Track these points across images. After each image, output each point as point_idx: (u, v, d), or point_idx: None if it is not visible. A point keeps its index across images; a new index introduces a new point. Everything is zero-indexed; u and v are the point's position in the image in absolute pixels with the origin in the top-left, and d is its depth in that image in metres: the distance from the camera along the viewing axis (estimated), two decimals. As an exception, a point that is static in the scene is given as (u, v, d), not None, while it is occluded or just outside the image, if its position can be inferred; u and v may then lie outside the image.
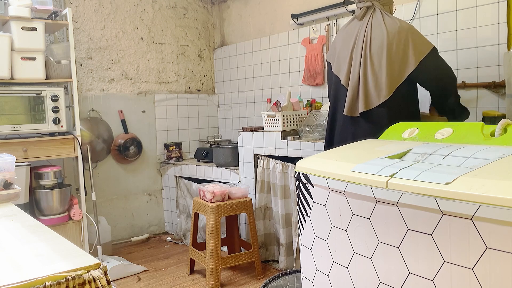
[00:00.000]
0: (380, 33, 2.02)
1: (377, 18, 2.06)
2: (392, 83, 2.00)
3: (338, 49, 2.18)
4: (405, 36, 1.98)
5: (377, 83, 2.01)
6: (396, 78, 2.00)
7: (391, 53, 1.99)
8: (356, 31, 2.10)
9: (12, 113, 2.69)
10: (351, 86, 2.07)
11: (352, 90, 2.07)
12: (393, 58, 2.00)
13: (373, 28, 2.05)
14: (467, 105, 2.49)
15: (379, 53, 2.01)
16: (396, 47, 1.99)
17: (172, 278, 2.97)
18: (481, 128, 1.42)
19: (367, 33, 2.05)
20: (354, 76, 2.07)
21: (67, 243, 1.01)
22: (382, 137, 1.74)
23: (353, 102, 2.08)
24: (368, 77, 2.03)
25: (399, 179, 1.14)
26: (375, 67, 2.02)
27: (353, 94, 2.07)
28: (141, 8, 3.90)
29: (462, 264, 1.01)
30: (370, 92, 2.03)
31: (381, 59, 2.00)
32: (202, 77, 4.36)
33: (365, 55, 2.04)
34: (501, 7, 2.30)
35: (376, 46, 2.02)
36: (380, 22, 2.04)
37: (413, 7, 2.68)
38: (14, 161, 1.60)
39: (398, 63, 2.00)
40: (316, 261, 1.50)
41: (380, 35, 2.02)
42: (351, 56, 2.10)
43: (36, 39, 2.72)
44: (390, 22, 2.02)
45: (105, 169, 3.71)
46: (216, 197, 2.80)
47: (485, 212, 0.94)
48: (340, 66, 2.16)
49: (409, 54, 1.98)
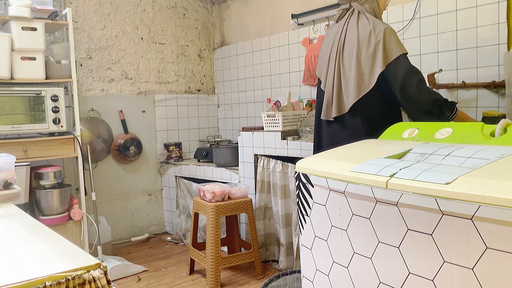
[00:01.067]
0: (352, 37, 1.99)
1: (352, 21, 2.03)
2: (360, 88, 1.97)
3: (321, 53, 2.20)
4: (376, 40, 1.93)
5: (347, 89, 2.00)
6: (366, 83, 1.96)
7: (360, 57, 1.96)
8: (334, 34, 2.10)
9: (12, 113, 2.69)
10: (327, 90, 2.09)
11: (327, 95, 2.09)
12: (362, 62, 1.96)
13: (348, 31, 2.03)
14: (467, 105, 2.50)
15: (350, 57, 1.99)
16: (365, 51, 1.95)
17: (172, 278, 2.97)
18: (481, 128, 1.42)
19: (341, 36, 2.04)
20: (329, 81, 2.08)
21: (67, 243, 1.01)
22: (382, 137, 1.74)
23: (328, 107, 2.09)
24: (341, 82, 2.03)
25: (399, 179, 1.14)
26: (346, 71, 2.01)
27: (328, 99, 2.09)
28: (141, 8, 3.90)
29: (462, 264, 1.01)
30: (342, 97, 2.03)
31: (351, 63, 1.98)
32: (202, 77, 4.36)
33: (338, 59, 2.04)
34: (501, 7, 2.30)
35: (347, 50, 2.01)
36: (354, 26, 2.01)
37: (413, 7, 2.68)
38: (14, 161, 1.60)
39: (367, 68, 1.95)
40: (316, 261, 1.50)
41: (352, 40, 1.99)
42: (329, 60, 2.10)
43: (36, 39, 2.72)
44: (363, 25, 1.98)
45: (105, 169, 3.71)
46: (216, 197, 2.80)
47: (485, 212, 0.94)
48: (321, 69, 2.17)
49: (377, 58, 1.93)
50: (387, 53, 1.93)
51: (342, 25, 2.07)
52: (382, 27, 1.96)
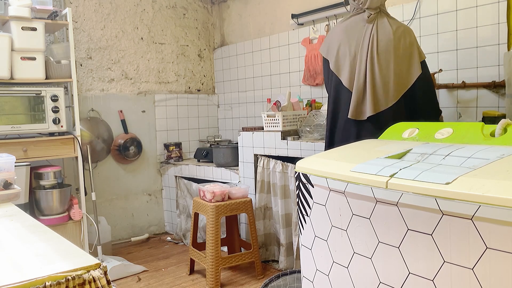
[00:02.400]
0: (387, 35, 1.99)
1: (382, 21, 2.03)
2: (400, 86, 1.97)
3: (337, 47, 2.12)
4: (410, 38, 1.99)
5: (385, 86, 1.98)
6: (404, 81, 1.98)
7: (398, 54, 1.97)
8: (360, 32, 2.06)
9: (12, 113, 2.69)
10: (356, 88, 2.02)
11: (357, 93, 2.02)
12: (400, 60, 1.97)
13: (379, 30, 2.01)
14: (467, 105, 2.50)
15: (387, 56, 1.97)
16: (403, 50, 1.97)
17: (172, 278, 2.97)
18: (481, 128, 1.42)
19: (373, 34, 2.01)
20: (360, 79, 2.01)
21: (67, 243, 1.01)
22: (382, 137, 1.74)
23: (359, 105, 2.02)
24: (376, 80, 1.98)
25: (399, 179, 1.14)
26: (382, 69, 1.98)
27: (358, 97, 2.02)
28: (141, 8, 3.90)
29: (462, 264, 1.01)
30: (378, 96, 1.98)
31: (389, 62, 1.97)
32: (202, 77, 4.36)
33: (371, 57, 1.99)
34: (501, 7, 2.30)
35: (383, 48, 1.98)
36: (386, 25, 2.01)
37: (413, 7, 2.68)
38: (14, 161, 1.60)
39: (405, 65, 1.98)
40: (316, 261, 1.50)
41: (387, 38, 1.99)
42: (355, 57, 2.04)
43: (36, 39, 2.72)
44: (395, 24, 2.02)
45: (105, 169, 3.71)
46: (216, 197, 2.80)
47: (485, 212, 0.94)
48: (340, 65, 2.11)
49: (414, 56, 1.97)
50: (420, 50, 2.04)
51: (372, 25, 2.04)
52: (411, 29, 2.07)
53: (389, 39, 1.98)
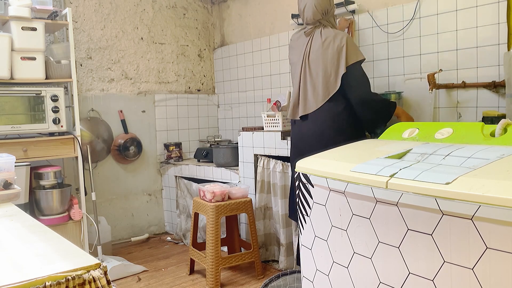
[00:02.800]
0: (317, 45, 2.28)
1: (317, 32, 2.34)
2: (328, 90, 2.24)
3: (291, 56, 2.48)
4: (339, 44, 2.21)
5: (315, 91, 2.28)
6: (332, 85, 2.23)
7: (326, 62, 2.23)
8: (302, 43, 2.40)
9: (12, 113, 2.69)
10: (293, 93, 2.42)
11: (293, 97, 2.41)
12: (328, 66, 2.22)
13: (313, 41, 2.33)
14: (467, 105, 2.50)
15: (316, 62, 2.27)
16: (331, 56, 2.22)
17: (172, 278, 2.97)
18: (481, 128, 1.42)
19: (307, 45, 2.34)
20: (295, 85, 2.40)
21: (67, 243, 1.01)
22: (382, 137, 1.74)
23: (295, 108, 2.41)
24: (307, 85, 2.31)
25: (399, 179, 1.14)
26: (312, 75, 2.29)
27: (294, 101, 2.40)
28: (141, 8, 3.90)
29: (462, 264, 1.01)
30: (308, 99, 2.32)
31: (318, 67, 2.25)
32: (202, 77, 4.36)
33: (304, 65, 2.32)
34: (501, 7, 2.30)
35: (313, 57, 2.29)
36: (318, 36, 2.31)
37: (413, 7, 2.68)
38: (14, 161, 1.60)
39: (333, 70, 2.22)
40: (316, 261, 1.50)
41: (317, 47, 2.28)
42: (295, 66, 2.41)
43: (36, 39, 2.72)
44: (326, 34, 2.27)
45: (105, 169, 3.71)
46: (216, 197, 2.80)
47: (485, 212, 0.94)
48: (293, 76, 2.47)
49: (341, 60, 2.20)
50: (350, 55, 2.21)
51: (311, 37, 2.36)
52: (344, 34, 2.26)
53: (318, 49, 2.27)
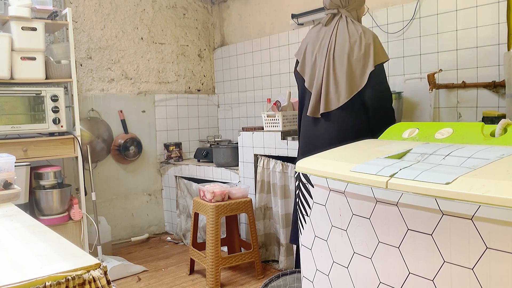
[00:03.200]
0: (343, 40, 2.16)
1: (342, 26, 2.19)
2: (351, 88, 2.14)
3: (305, 51, 2.31)
4: (366, 43, 2.11)
5: (338, 87, 2.17)
6: (357, 84, 2.14)
7: (352, 60, 2.13)
8: (322, 36, 2.24)
9: (12, 113, 2.69)
10: (315, 89, 2.23)
11: (315, 93, 2.22)
12: (354, 64, 2.13)
13: (338, 35, 2.18)
14: (467, 105, 2.50)
15: (341, 60, 2.14)
16: (357, 54, 2.12)
17: (172, 278, 2.97)
18: (481, 128, 1.42)
19: (331, 39, 2.19)
20: (318, 80, 2.22)
21: (67, 243, 1.01)
22: (382, 137, 1.74)
23: (316, 104, 2.23)
24: (330, 82, 2.18)
25: (399, 179, 1.14)
26: (337, 72, 2.16)
27: (316, 97, 2.22)
28: (141, 8, 3.90)
29: (462, 264, 1.01)
30: (330, 96, 2.18)
31: (343, 65, 2.14)
32: (202, 77, 4.36)
33: (328, 61, 2.18)
34: (501, 7, 2.30)
35: (338, 53, 2.16)
36: (344, 30, 2.17)
37: (413, 7, 2.68)
38: (14, 161, 1.60)
39: (359, 69, 2.12)
40: (316, 261, 1.50)
41: (343, 43, 2.15)
42: (315, 60, 2.24)
43: (36, 39, 2.72)
44: (353, 30, 2.15)
45: (105, 169, 3.71)
46: (216, 197, 2.80)
47: (485, 212, 0.94)
48: (304, 68, 2.31)
49: (369, 60, 2.11)
50: (378, 55, 2.13)
51: (332, 29, 2.21)
52: (371, 32, 2.17)
53: (345, 46, 2.14)
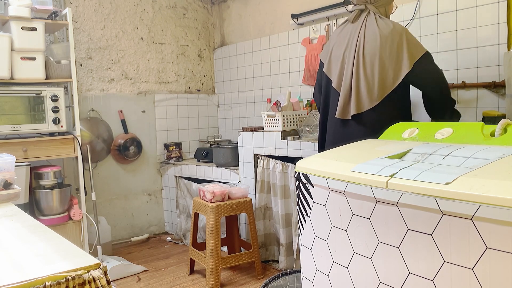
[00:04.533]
0: (373, 36, 1.99)
1: (371, 21, 2.04)
2: (384, 88, 1.99)
3: (331, 50, 2.16)
4: (399, 39, 1.95)
5: (369, 87, 2.00)
6: (389, 83, 1.99)
7: (384, 57, 1.97)
8: (349, 34, 2.09)
9: (12, 113, 2.68)
10: (343, 89, 2.06)
11: (344, 94, 2.05)
12: (386, 62, 1.98)
13: (367, 31, 2.02)
14: (467, 105, 2.50)
15: (372, 57, 1.99)
16: (389, 51, 1.96)
17: (172, 278, 2.97)
18: (481, 128, 1.42)
19: (360, 36, 2.03)
20: (347, 80, 2.05)
21: (67, 243, 1.01)
22: (382, 137, 1.74)
23: (345, 105, 2.06)
24: (361, 81, 2.01)
25: (399, 179, 1.14)
26: (367, 70, 2.00)
27: (345, 97, 2.05)
28: (141, 8, 3.90)
29: (462, 264, 1.01)
30: (362, 96, 2.01)
31: (374, 63, 1.98)
32: (202, 77, 4.36)
33: (357, 59, 2.02)
34: (501, 7, 2.30)
35: (369, 50, 2.00)
36: (374, 25, 2.01)
37: (413, 7, 2.68)
38: (14, 161, 1.60)
39: (391, 67, 1.98)
40: (316, 261, 1.50)
41: (373, 39, 1.99)
42: (343, 59, 2.08)
43: (36, 39, 2.72)
44: (383, 25, 1.99)
45: (105, 169, 3.71)
46: (216, 197, 2.80)
47: (485, 212, 0.94)
48: (332, 67, 2.15)
49: (403, 57, 1.95)
50: (413, 51, 1.94)
51: (360, 26, 2.06)
52: (402, 27, 2.00)
53: (376, 41, 1.98)
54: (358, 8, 2.08)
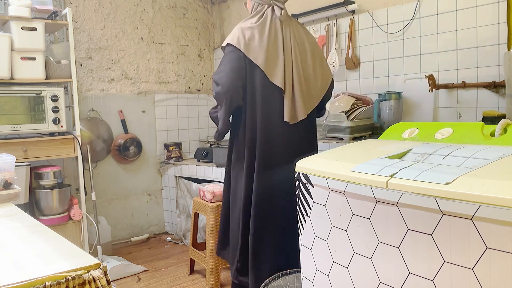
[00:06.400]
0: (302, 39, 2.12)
1: (297, 27, 2.13)
2: (323, 88, 2.15)
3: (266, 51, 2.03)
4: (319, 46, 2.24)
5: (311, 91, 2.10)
6: (325, 83, 2.16)
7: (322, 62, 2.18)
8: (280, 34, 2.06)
9: (12, 113, 2.69)
10: (288, 93, 2.03)
11: (289, 98, 2.04)
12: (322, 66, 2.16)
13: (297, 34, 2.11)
14: (467, 105, 2.50)
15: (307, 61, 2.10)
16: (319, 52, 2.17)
17: (172, 278, 2.98)
18: (481, 128, 1.42)
19: (293, 38, 2.08)
20: (289, 83, 2.04)
21: (67, 243, 1.01)
22: (382, 137, 1.74)
23: (293, 109, 2.06)
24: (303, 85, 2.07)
25: (399, 179, 1.14)
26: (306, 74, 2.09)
27: (291, 101, 2.04)
28: (141, 8, 3.90)
29: (462, 264, 1.01)
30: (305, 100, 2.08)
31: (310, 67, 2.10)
32: (202, 77, 4.36)
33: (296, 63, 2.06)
34: (501, 7, 2.30)
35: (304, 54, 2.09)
36: (299, 30, 2.15)
37: (413, 7, 2.68)
38: (14, 161, 1.60)
39: (325, 70, 2.18)
40: (316, 261, 1.50)
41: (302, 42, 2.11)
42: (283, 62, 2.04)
43: (36, 39, 2.72)
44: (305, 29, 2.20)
45: (105, 169, 3.71)
46: (216, 197, 2.80)
47: (485, 212, 0.94)
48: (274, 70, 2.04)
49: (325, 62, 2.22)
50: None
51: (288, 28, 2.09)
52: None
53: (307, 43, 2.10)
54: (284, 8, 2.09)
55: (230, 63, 2.01)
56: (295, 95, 2.04)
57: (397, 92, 2.65)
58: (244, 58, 2.01)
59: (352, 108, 2.77)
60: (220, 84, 2.00)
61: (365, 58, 3.01)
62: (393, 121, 2.55)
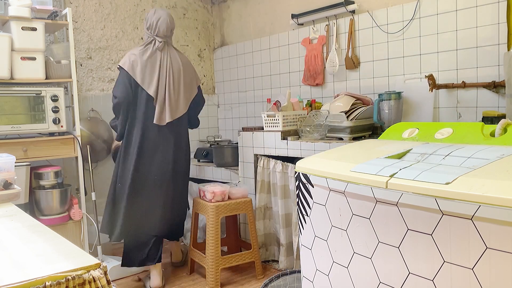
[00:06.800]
0: (177, 63, 2.80)
1: (172, 52, 2.82)
2: (187, 101, 2.84)
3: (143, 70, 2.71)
4: (192, 68, 2.91)
5: (178, 100, 2.79)
6: (189, 97, 2.86)
7: (186, 79, 2.82)
8: (159, 58, 2.75)
9: (12, 113, 2.68)
10: (159, 101, 2.72)
11: (160, 105, 2.72)
12: (187, 82, 2.83)
13: (172, 59, 2.79)
14: (467, 105, 2.50)
15: (178, 79, 2.78)
16: (189, 74, 2.86)
17: (172, 278, 2.97)
18: (481, 128, 1.42)
19: (168, 62, 2.77)
20: (161, 95, 2.73)
21: (67, 243, 1.01)
22: (382, 137, 1.74)
23: (162, 114, 2.73)
24: (172, 95, 2.75)
25: (399, 179, 1.14)
26: (175, 87, 2.77)
27: (160, 108, 2.73)
28: (141, 8, 3.90)
29: (462, 264, 1.01)
30: (173, 108, 2.76)
31: (180, 83, 2.79)
32: (202, 77, 4.36)
33: (169, 79, 2.74)
34: (501, 7, 2.30)
35: (176, 73, 2.78)
36: (175, 54, 2.82)
37: (413, 7, 2.68)
38: (14, 161, 1.60)
39: (189, 86, 2.86)
40: (316, 261, 1.50)
41: (177, 64, 2.79)
42: (158, 78, 2.72)
43: (36, 39, 2.72)
44: (182, 57, 2.87)
45: (105, 169, 3.71)
46: (216, 197, 2.80)
47: (485, 212, 0.94)
48: (149, 84, 2.72)
49: (194, 81, 2.90)
50: (197, 78, 2.96)
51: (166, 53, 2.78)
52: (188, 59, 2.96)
53: (180, 66, 2.80)
54: (163, 40, 2.76)
55: (122, 80, 2.72)
56: (166, 102, 2.73)
57: (397, 92, 2.65)
58: (129, 76, 2.70)
59: (352, 108, 2.77)
60: (117, 97, 2.73)
61: (365, 58, 3.01)
62: (393, 121, 2.55)
